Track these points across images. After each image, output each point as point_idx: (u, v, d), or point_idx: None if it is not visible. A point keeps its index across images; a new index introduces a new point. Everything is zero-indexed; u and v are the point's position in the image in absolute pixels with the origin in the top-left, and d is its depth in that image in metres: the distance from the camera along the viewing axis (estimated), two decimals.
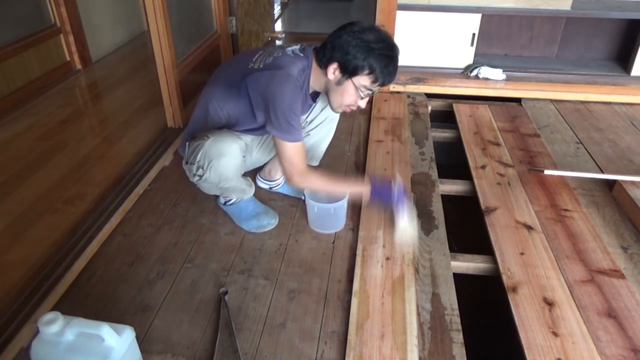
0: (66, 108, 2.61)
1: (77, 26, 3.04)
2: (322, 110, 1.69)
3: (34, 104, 2.62)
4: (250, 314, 1.36)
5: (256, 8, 3.37)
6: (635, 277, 1.47)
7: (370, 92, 1.41)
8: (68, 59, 3.06)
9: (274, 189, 1.87)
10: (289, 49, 1.46)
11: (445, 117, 2.66)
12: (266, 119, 1.40)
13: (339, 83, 1.40)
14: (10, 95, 2.58)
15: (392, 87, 2.80)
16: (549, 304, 1.36)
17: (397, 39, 2.71)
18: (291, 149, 1.41)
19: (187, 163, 1.54)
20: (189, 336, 1.29)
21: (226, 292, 1.42)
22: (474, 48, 2.87)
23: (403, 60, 2.82)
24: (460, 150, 2.22)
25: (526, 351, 1.21)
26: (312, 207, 1.62)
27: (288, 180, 1.48)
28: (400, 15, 2.69)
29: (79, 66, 3.13)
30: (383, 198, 1.55)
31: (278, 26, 4.44)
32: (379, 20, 2.65)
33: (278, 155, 1.46)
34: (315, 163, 1.87)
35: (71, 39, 3.02)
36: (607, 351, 1.22)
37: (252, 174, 1.87)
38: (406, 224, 1.56)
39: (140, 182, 1.89)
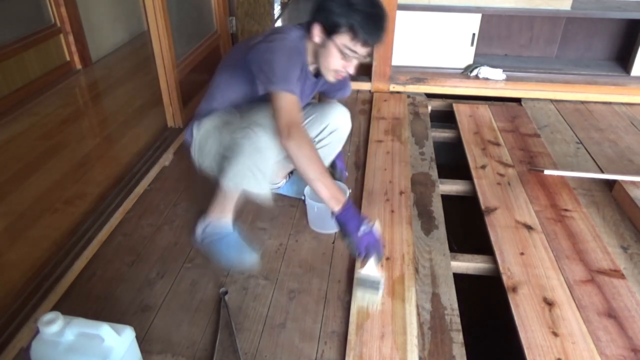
0: (66, 108, 2.61)
1: (77, 26, 3.04)
2: (330, 133, 1.65)
3: (34, 104, 2.62)
4: (250, 314, 1.36)
5: (256, 8, 3.37)
6: (635, 277, 1.47)
7: (356, 55, 1.33)
8: (68, 59, 3.06)
9: (274, 190, 1.84)
10: (284, 25, 1.47)
11: (445, 117, 2.66)
12: (263, 79, 1.32)
13: (323, 45, 1.35)
14: (10, 95, 2.58)
15: (392, 87, 2.80)
16: (549, 304, 1.36)
17: (397, 39, 2.74)
18: (288, 99, 1.28)
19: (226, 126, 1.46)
20: (189, 336, 1.29)
21: (226, 292, 1.42)
22: (474, 48, 2.87)
23: (403, 60, 2.88)
24: (460, 150, 2.22)
25: (526, 351, 1.21)
26: (312, 207, 1.61)
27: (282, 131, 1.25)
28: (400, 15, 2.69)
29: (79, 66, 3.13)
30: (349, 227, 1.26)
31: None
32: None
33: (273, 110, 1.30)
34: (326, 164, 1.80)
35: (71, 39, 3.02)
36: (607, 351, 1.22)
37: None
38: (371, 276, 1.34)
39: (140, 182, 1.89)
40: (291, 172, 1.85)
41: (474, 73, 2.83)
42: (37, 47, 2.78)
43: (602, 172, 2.02)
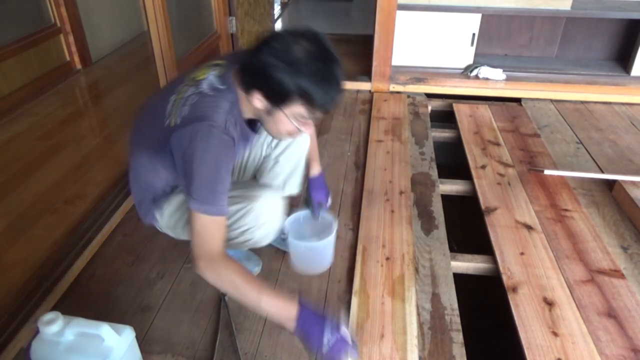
0: (66, 108, 2.61)
1: (77, 26, 3.05)
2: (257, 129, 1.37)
3: (34, 104, 2.62)
4: (250, 314, 1.35)
5: (256, 8, 3.37)
6: (635, 277, 1.47)
7: (312, 117, 1.10)
8: (68, 59, 3.06)
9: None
10: (205, 82, 1.13)
11: (445, 117, 2.66)
12: (184, 188, 1.08)
13: (269, 113, 1.10)
14: (10, 95, 2.58)
15: (392, 87, 2.80)
16: (549, 304, 1.36)
17: (397, 39, 2.74)
18: (206, 223, 1.06)
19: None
20: (189, 336, 1.29)
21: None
22: (474, 48, 2.87)
23: (403, 60, 2.88)
24: (460, 150, 2.22)
25: (526, 351, 1.21)
26: (298, 247, 1.40)
27: (196, 265, 1.06)
28: (400, 15, 2.69)
29: (79, 66, 3.13)
30: (311, 344, 1.03)
31: (278, 26, 4.44)
32: (379, 20, 2.65)
33: (189, 228, 1.10)
34: (297, 191, 1.56)
35: (71, 39, 3.02)
36: (607, 351, 1.22)
37: None
38: None
39: None
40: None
41: (474, 73, 2.83)
42: (37, 47, 2.78)
43: (602, 172, 2.02)
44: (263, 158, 1.50)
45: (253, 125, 1.24)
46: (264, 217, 1.24)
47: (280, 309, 1.04)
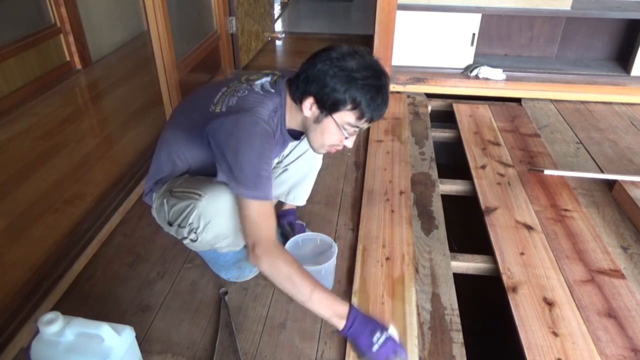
0: (66, 108, 2.61)
1: (77, 26, 3.05)
2: (302, 139, 1.41)
3: (34, 104, 2.62)
4: (250, 314, 1.35)
5: (256, 8, 3.38)
6: (635, 277, 1.47)
7: (357, 130, 1.17)
8: (68, 59, 3.06)
9: None
10: (258, 82, 1.21)
11: (445, 117, 2.66)
12: (227, 175, 1.11)
13: (317, 121, 1.16)
14: (10, 95, 2.58)
15: (392, 87, 2.79)
16: (549, 304, 1.36)
17: (397, 39, 2.74)
18: (259, 209, 1.10)
19: (171, 225, 1.28)
20: (189, 336, 1.29)
21: (226, 292, 1.42)
22: (474, 48, 2.87)
23: (403, 60, 2.88)
24: (460, 150, 2.22)
25: (526, 351, 1.21)
26: None
27: (249, 252, 1.11)
28: (400, 15, 2.69)
29: (79, 66, 3.14)
30: (359, 343, 1.07)
31: (278, 26, 4.44)
32: (379, 20, 2.65)
33: (241, 216, 1.13)
34: (301, 203, 1.60)
35: (71, 39, 3.02)
36: (607, 351, 1.22)
37: None
38: None
39: (140, 182, 1.89)
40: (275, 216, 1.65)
41: (474, 73, 2.83)
42: (37, 47, 2.78)
43: (602, 172, 2.02)
44: (274, 164, 1.51)
45: (294, 136, 1.30)
46: (207, 218, 1.21)
47: (332, 305, 1.09)
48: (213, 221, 1.22)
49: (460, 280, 1.50)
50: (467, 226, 1.88)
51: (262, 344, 1.26)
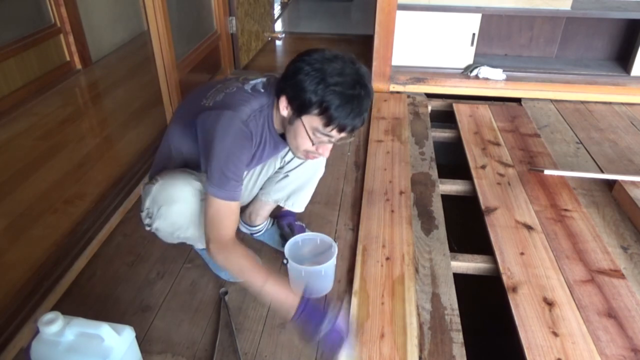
0: (66, 108, 2.61)
1: (77, 26, 3.05)
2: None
3: (34, 104, 2.62)
4: (250, 314, 1.36)
5: (256, 8, 3.38)
6: (635, 277, 1.47)
7: (330, 139, 1.12)
8: (68, 59, 3.06)
9: (255, 235, 1.63)
10: (251, 82, 1.21)
11: (445, 117, 2.66)
12: (202, 166, 1.17)
13: (290, 122, 1.13)
14: (10, 95, 2.58)
15: (392, 87, 2.80)
16: (549, 304, 1.36)
17: (397, 39, 2.74)
18: (218, 207, 1.11)
19: (141, 211, 1.28)
20: (189, 336, 1.29)
21: (226, 292, 1.42)
22: (474, 48, 2.87)
23: (403, 60, 2.88)
24: (460, 150, 2.22)
25: (526, 351, 1.21)
26: (299, 271, 1.35)
27: (206, 247, 1.15)
28: (400, 15, 2.69)
29: (79, 66, 3.14)
30: (307, 332, 1.07)
31: (278, 26, 4.44)
32: (379, 20, 2.65)
33: (204, 212, 1.16)
34: (299, 210, 1.59)
35: (71, 39, 3.02)
36: (607, 351, 1.22)
37: None
38: None
39: (140, 182, 1.89)
40: (275, 217, 1.64)
41: (474, 73, 2.83)
42: (37, 47, 2.78)
43: (602, 172, 2.02)
44: (276, 170, 1.51)
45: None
46: (158, 203, 1.21)
47: (283, 295, 1.09)
48: (164, 207, 1.20)
49: (460, 280, 1.50)
50: (467, 226, 1.88)
51: (262, 344, 1.26)
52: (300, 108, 1.08)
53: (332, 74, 1.04)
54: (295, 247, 1.44)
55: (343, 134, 1.11)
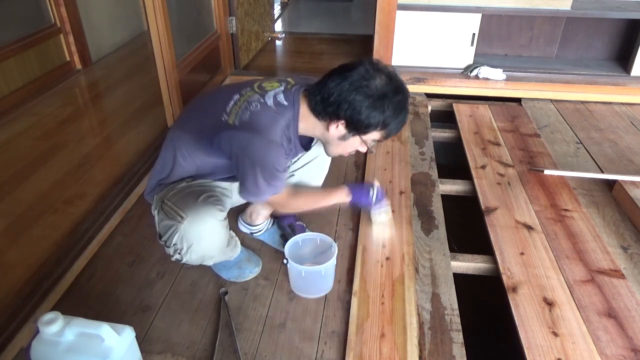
0: (66, 108, 2.61)
1: (77, 26, 3.05)
2: (311, 147, 1.45)
3: (34, 104, 2.62)
4: (250, 314, 1.36)
5: (256, 8, 3.37)
6: (635, 277, 1.47)
7: (378, 142, 1.26)
8: (68, 59, 3.06)
9: (255, 235, 1.64)
10: (271, 93, 1.21)
11: (445, 117, 2.66)
12: (243, 187, 1.21)
13: (343, 138, 1.21)
14: (10, 95, 2.58)
15: None
16: (549, 304, 1.36)
17: (397, 39, 2.74)
18: (273, 197, 1.26)
19: (160, 238, 1.29)
20: (189, 336, 1.29)
21: (226, 293, 1.42)
22: (474, 48, 2.87)
23: (403, 60, 2.87)
24: (460, 150, 2.22)
25: (526, 351, 1.21)
26: (299, 272, 1.36)
27: (274, 211, 1.47)
28: (400, 15, 2.69)
29: (79, 66, 3.13)
30: (362, 203, 1.53)
31: (278, 26, 4.44)
32: (379, 20, 2.65)
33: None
34: None
35: (71, 39, 3.02)
36: (607, 351, 1.22)
37: (234, 213, 1.66)
38: (382, 221, 1.59)
39: (140, 182, 1.89)
40: (275, 217, 1.66)
41: (474, 73, 2.83)
42: (37, 47, 2.78)
43: (602, 172, 2.02)
44: None
45: (304, 144, 1.34)
46: (189, 241, 1.22)
47: (336, 196, 1.46)
48: (195, 244, 1.22)
49: (460, 280, 1.50)
50: (467, 226, 1.88)
51: (262, 344, 1.27)
52: (360, 129, 1.17)
53: (384, 88, 1.12)
54: (295, 247, 1.44)
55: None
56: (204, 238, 1.23)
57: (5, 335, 1.24)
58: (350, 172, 2.04)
